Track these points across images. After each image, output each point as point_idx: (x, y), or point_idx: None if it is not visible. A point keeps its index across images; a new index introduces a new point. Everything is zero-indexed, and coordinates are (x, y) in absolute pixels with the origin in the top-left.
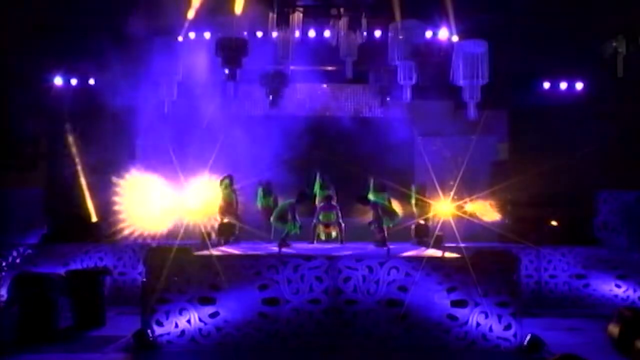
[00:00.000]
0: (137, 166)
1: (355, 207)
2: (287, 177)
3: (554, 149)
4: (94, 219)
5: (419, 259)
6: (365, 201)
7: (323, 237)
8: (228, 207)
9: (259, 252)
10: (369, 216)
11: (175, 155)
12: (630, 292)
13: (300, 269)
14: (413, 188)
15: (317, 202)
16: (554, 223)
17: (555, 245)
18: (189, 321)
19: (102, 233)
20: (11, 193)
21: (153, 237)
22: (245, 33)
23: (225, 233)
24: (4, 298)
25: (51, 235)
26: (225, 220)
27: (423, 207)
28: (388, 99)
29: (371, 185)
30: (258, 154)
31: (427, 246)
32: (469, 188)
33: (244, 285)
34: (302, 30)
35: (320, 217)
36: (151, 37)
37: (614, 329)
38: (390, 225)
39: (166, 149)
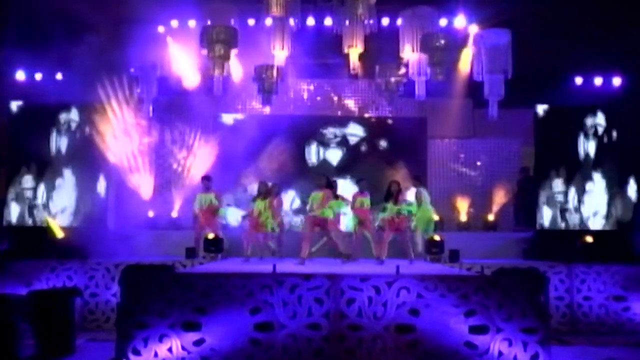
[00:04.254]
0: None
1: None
2: (283, 184)
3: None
4: (60, 234)
5: (432, 278)
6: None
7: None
8: (208, 216)
9: (250, 270)
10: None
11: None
12: None
13: (297, 289)
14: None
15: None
16: (588, 239)
17: (589, 262)
18: (170, 349)
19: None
20: None
21: None
22: (233, 21)
23: (212, 248)
24: None
25: (12, 251)
26: (211, 235)
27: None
28: (397, 96)
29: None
30: (249, 157)
31: (442, 263)
32: (489, 197)
33: (233, 308)
34: (299, 17)
35: (357, 204)
36: (128, 25)
37: None
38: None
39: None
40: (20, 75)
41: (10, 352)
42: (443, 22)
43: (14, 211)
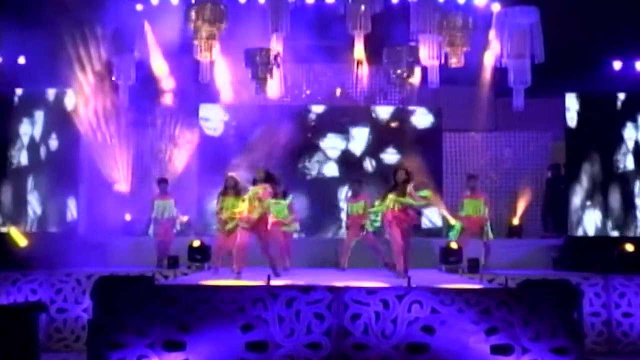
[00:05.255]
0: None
1: None
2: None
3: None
4: (23, 242)
5: (448, 291)
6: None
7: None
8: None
9: (241, 282)
10: None
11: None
12: None
13: (295, 303)
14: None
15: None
16: (628, 247)
17: (629, 273)
18: None
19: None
20: None
21: None
22: None
23: (198, 257)
24: None
25: None
26: (197, 242)
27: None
28: (408, 83)
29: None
30: (239, 152)
31: (460, 274)
32: (513, 198)
33: (222, 324)
34: None
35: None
36: (101, 3)
37: None
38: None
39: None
40: None
41: None
42: None
43: None
